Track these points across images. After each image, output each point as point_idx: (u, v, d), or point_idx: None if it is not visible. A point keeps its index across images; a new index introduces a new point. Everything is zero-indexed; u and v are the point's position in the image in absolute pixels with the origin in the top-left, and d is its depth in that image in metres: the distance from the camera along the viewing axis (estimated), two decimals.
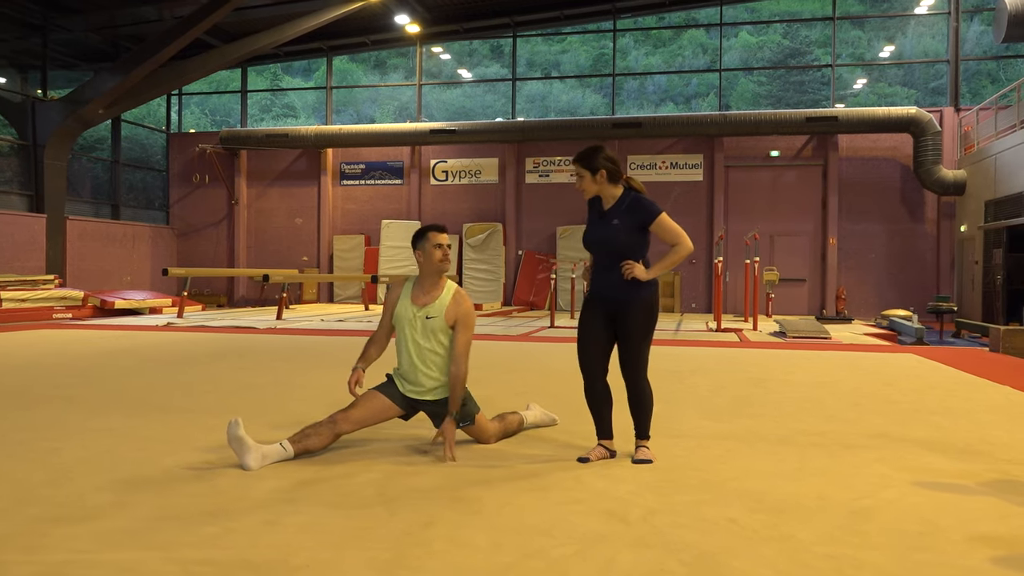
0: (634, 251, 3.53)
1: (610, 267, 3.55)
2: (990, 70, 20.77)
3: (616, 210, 3.57)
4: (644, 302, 3.52)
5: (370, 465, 3.49)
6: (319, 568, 2.30)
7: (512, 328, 12.26)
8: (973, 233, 16.48)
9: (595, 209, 3.67)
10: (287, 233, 21.05)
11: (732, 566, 2.33)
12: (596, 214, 3.65)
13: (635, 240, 3.53)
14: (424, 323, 3.76)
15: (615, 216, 3.55)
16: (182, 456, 3.66)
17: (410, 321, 3.79)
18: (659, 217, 3.53)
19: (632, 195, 3.59)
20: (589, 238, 3.65)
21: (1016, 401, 5.50)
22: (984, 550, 2.49)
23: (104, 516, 2.78)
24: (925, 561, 2.39)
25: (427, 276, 3.86)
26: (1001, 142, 15.16)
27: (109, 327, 11.64)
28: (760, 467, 3.56)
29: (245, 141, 20.42)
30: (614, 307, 3.56)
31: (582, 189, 3.61)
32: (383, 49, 21.75)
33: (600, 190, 3.60)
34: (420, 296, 3.83)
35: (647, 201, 3.56)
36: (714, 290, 13.77)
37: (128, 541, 2.52)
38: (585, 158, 3.57)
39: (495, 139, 19.18)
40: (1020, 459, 3.73)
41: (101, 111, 17.14)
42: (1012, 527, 2.72)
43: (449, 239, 3.86)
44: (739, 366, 7.39)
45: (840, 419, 4.76)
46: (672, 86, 22.13)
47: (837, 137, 17.98)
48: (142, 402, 5.14)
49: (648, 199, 3.58)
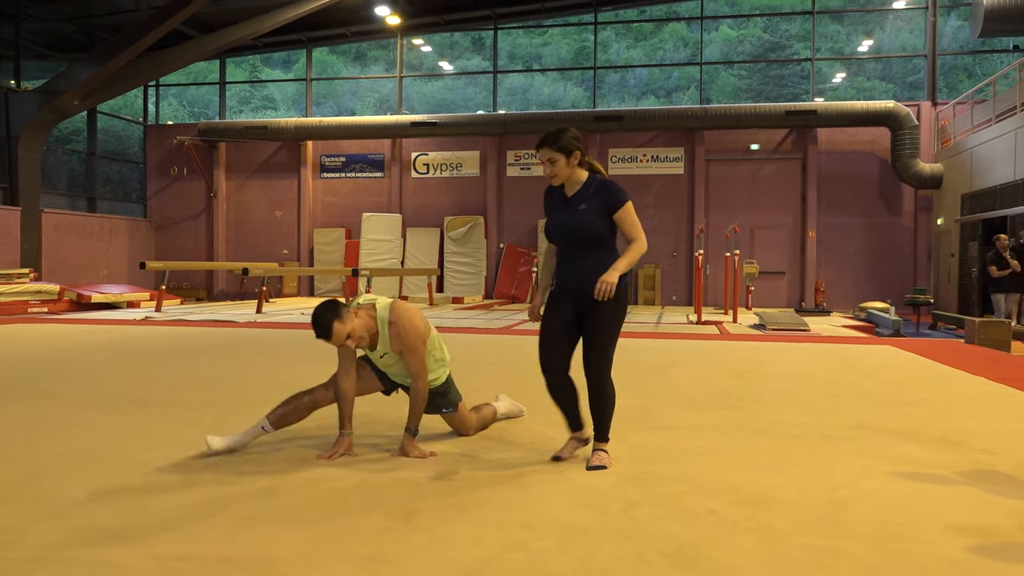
0: (604, 238, 3.34)
1: (578, 257, 3.35)
2: (966, 65, 20.98)
3: (583, 194, 3.36)
4: (614, 294, 3.28)
5: (350, 461, 3.48)
6: (299, 563, 2.29)
7: (493, 321, 12.26)
8: (950, 226, 16.67)
9: (556, 196, 3.45)
10: (267, 226, 20.90)
11: (711, 557, 2.35)
12: (559, 201, 3.43)
13: (604, 226, 3.33)
14: (383, 361, 3.70)
15: (582, 201, 3.35)
16: (160, 452, 3.62)
17: (374, 361, 3.75)
18: (625, 205, 3.34)
19: (598, 179, 3.39)
20: (553, 227, 3.43)
21: (991, 392, 5.57)
22: (961, 539, 2.52)
23: (81, 512, 2.75)
24: (902, 551, 2.42)
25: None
26: (977, 136, 15.33)
27: (86, 321, 11.51)
28: (739, 459, 3.59)
29: (224, 133, 20.22)
30: (582, 300, 3.35)
31: (554, 175, 3.36)
32: (363, 41, 21.61)
33: (571, 174, 3.38)
34: (368, 345, 3.70)
35: (615, 185, 3.37)
36: (695, 283, 13.84)
37: (105, 537, 2.50)
38: (555, 140, 3.32)
39: (476, 132, 19.14)
40: (995, 449, 3.78)
41: (76, 102, 16.90)
42: (988, 516, 2.76)
43: (342, 339, 3.46)
44: (719, 358, 7.43)
45: (818, 410, 4.80)
46: (653, 79, 22.16)
47: (816, 131, 18.10)
48: (120, 397, 5.09)
49: (615, 183, 3.38)
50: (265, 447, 3.71)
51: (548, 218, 3.49)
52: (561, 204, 3.42)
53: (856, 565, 2.30)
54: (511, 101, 22.24)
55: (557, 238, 3.44)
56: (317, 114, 21.49)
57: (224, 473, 3.26)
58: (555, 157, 3.32)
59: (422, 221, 19.88)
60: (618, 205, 3.33)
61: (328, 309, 3.40)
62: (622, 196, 3.34)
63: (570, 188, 3.41)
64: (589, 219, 3.33)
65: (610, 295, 3.20)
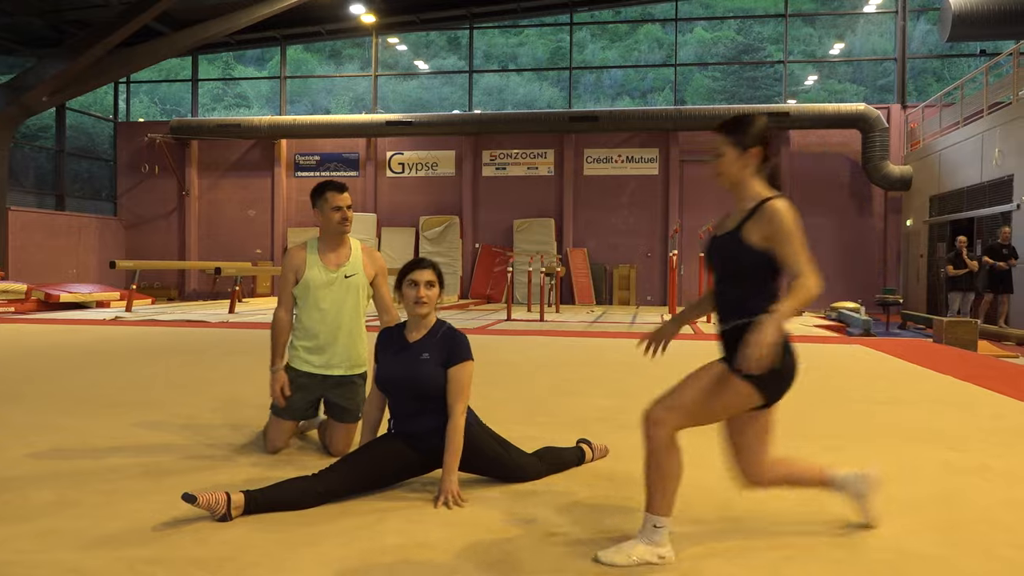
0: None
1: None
2: (935, 68, 21.32)
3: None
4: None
5: (325, 462, 3.46)
6: (270, 565, 2.27)
7: (469, 321, 12.25)
8: (919, 227, 16.94)
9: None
10: (240, 225, 20.70)
11: (682, 556, 2.37)
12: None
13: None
14: (344, 284, 3.58)
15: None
16: (130, 454, 3.58)
17: (326, 286, 3.56)
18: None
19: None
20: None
21: (958, 390, 5.67)
22: (929, 534, 2.57)
23: (48, 515, 2.71)
24: (870, 546, 2.46)
25: (330, 237, 3.63)
26: (945, 139, 15.58)
27: (54, 321, 11.33)
28: (710, 459, 3.61)
29: (196, 131, 20.01)
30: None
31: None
32: (338, 39, 21.50)
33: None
34: (330, 258, 3.62)
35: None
36: (669, 283, 13.93)
37: (73, 541, 2.46)
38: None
39: (452, 131, 19.11)
40: (962, 447, 3.85)
41: (45, 98, 16.62)
42: (955, 512, 2.81)
43: (351, 199, 3.62)
44: (694, 358, 7.44)
45: (787, 409, 4.82)
46: (628, 80, 22.26)
47: (789, 132, 18.30)
48: (89, 399, 5.01)
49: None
50: (236, 448, 3.68)
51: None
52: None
53: (823, 562, 2.34)
54: (487, 101, 22.23)
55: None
56: (291, 112, 21.33)
57: (192, 477, 3.22)
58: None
59: (397, 221, 19.80)
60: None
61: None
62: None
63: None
64: (430, 370, 2.97)
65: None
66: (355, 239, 3.74)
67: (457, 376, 2.97)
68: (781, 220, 2.30)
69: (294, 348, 3.62)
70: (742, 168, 2.42)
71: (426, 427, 2.96)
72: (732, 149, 2.40)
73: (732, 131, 2.41)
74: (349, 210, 3.63)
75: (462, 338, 3.08)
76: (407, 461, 2.98)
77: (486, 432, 3.12)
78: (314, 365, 3.59)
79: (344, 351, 3.60)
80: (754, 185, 2.43)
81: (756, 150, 2.40)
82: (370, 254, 3.74)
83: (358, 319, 3.65)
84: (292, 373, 3.60)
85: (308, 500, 2.76)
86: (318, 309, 3.57)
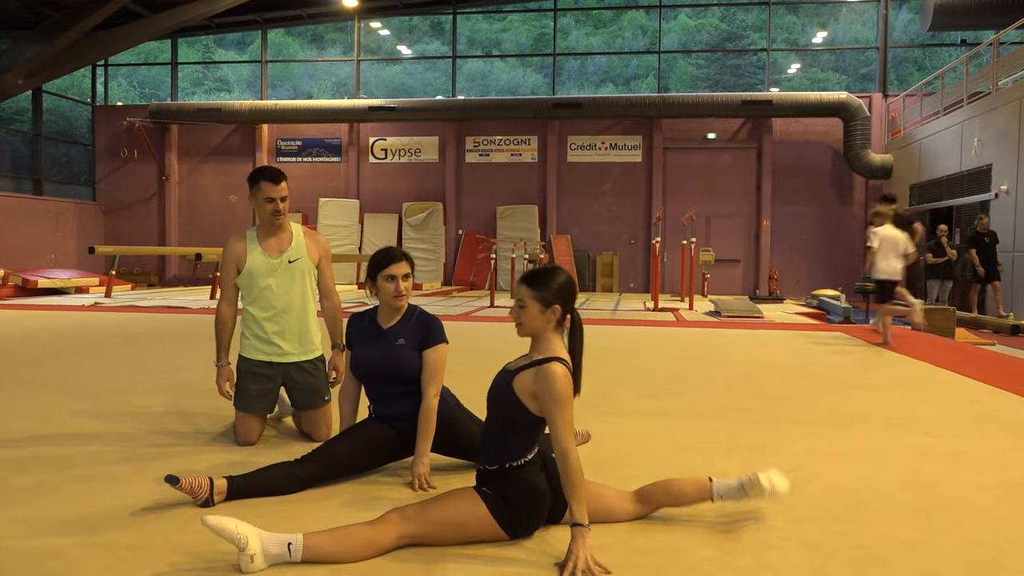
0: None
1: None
2: (916, 57, 21.44)
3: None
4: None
5: (308, 448, 3.45)
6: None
7: (452, 308, 12.24)
8: None
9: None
10: (221, 210, 20.52)
11: (662, 539, 2.39)
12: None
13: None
14: (289, 269, 3.51)
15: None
16: (110, 441, 3.56)
17: (270, 272, 3.49)
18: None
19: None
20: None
21: (934, 377, 5.75)
22: (905, 519, 2.61)
23: (27, 501, 2.69)
24: (847, 531, 2.49)
25: (267, 225, 3.55)
26: (926, 128, 15.70)
27: (32, 307, 11.21)
28: (693, 442, 3.65)
29: (176, 115, 19.78)
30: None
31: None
32: (320, 23, 21.27)
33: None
34: (271, 244, 3.53)
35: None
36: (652, 270, 13.97)
37: (53, 527, 2.45)
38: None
39: (435, 117, 19.00)
40: (938, 432, 3.91)
41: (20, 81, 16.35)
42: (931, 496, 2.86)
43: (286, 191, 3.49)
44: (675, 345, 7.53)
45: (770, 396, 4.90)
46: (612, 67, 22.21)
47: (771, 121, 18.36)
48: (68, 386, 4.97)
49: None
50: (217, 435, 3.67)
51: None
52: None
53: (801, 547, 2.37)
54: (470, 87, 22.11)
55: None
56: (273, 97, 21.12)
57: (173, 463, 3.21)
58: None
59: (380, 207, 19.71)
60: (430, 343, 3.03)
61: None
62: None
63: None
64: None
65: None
66: (295, 223, 3.64)
67: (431, 358, 3.02)
68: (551, 385, 2.31)
69: (246, 338, 3.57)
70: (545, 324, 2.43)
71: (407, 409, 3.01)
72: (535, 304, 2.41)
73: (535, 285, 2.42)
74: (283, 202, 3.49)
75: (436, 322, 3.12)
76: (388, 444, 3.01)
77: (466, 415, 3.15)
78: (266, 353, 3.52)
79: (296, 337, 3.54)
80: (550, 341, 2.43)
81: (556, 307, 2.40)
82: (313, 237, 3.66)
83: (307, 304, 3.57)
84: (247, 364, 3.54)
85: (291, 485, 2.77)
86: (264, 297, 3.50)
